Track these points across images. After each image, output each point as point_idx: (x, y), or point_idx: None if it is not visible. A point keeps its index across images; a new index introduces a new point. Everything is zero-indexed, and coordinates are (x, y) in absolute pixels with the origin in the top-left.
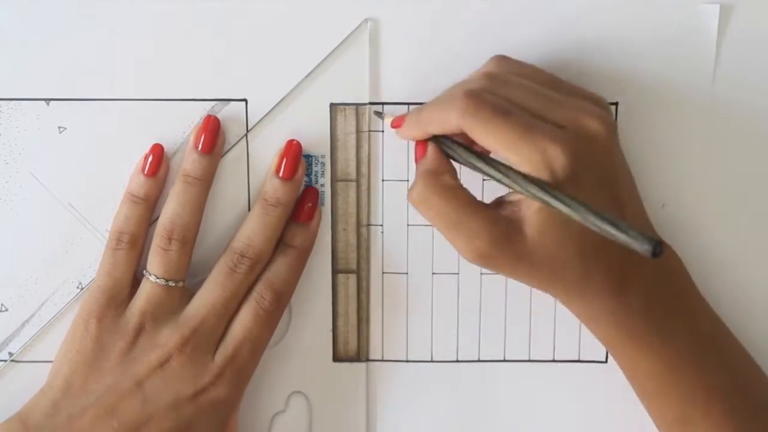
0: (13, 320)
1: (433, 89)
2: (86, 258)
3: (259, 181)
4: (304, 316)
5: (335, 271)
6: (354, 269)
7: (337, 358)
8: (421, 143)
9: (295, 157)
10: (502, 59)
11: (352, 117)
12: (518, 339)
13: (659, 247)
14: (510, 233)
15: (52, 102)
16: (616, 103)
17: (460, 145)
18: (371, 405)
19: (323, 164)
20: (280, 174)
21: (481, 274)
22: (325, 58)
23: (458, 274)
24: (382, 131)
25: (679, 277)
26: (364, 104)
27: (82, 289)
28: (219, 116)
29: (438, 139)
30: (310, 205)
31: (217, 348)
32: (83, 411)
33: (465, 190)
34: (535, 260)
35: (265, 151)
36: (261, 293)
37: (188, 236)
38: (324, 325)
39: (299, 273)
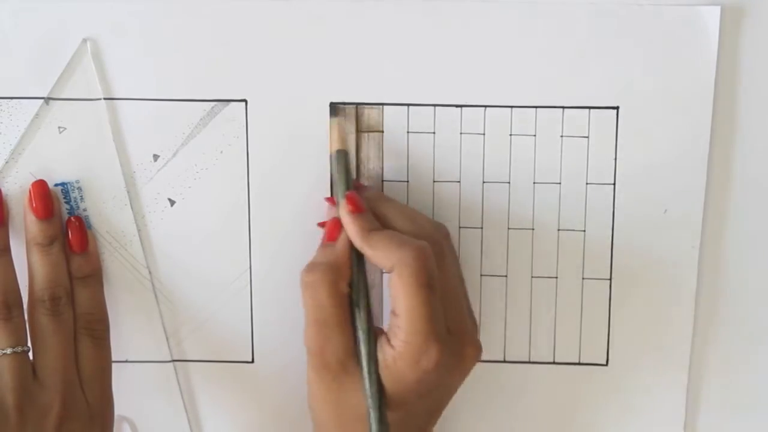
0: None
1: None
2: None
3: (259, 181)
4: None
5: None
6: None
7: None
8: (339, 225)
9: (44, 196)
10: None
11: (352, 117)
12: (518, 340)
13: None
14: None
15: (52, 102)
16: (617, 107)
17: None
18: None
19: (80, 189)
20: (39, 215)
21: (481, 275)
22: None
23: None
24: (382, 131)
25: None
26: (363, 104)
27: None
28: (218, 116)
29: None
30: (78, 235)
31: (82, 387)
32: None
33: (347, 302)
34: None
35: (265, 151)
36: (90, 325)
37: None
38: None
39: (103, 294)
